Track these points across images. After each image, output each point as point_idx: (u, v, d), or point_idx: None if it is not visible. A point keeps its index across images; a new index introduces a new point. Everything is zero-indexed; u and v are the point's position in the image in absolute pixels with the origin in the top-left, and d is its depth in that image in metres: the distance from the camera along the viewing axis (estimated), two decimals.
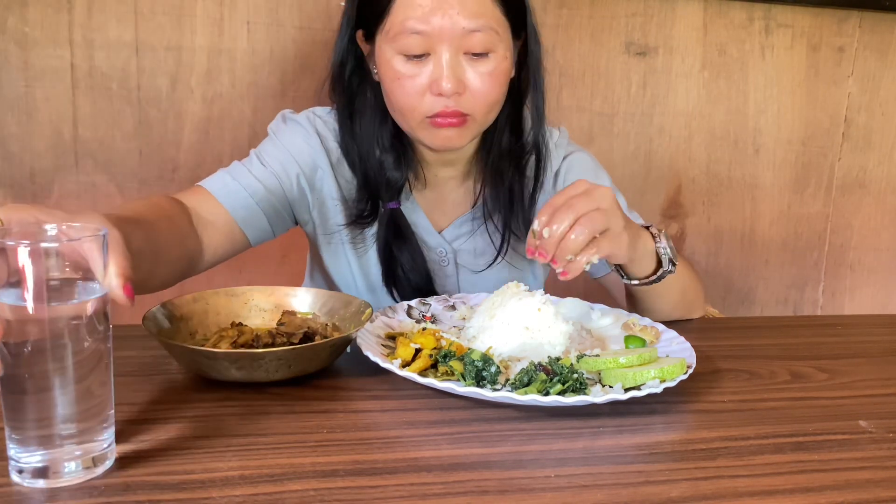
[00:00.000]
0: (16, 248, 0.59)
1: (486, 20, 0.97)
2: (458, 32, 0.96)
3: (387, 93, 1.03)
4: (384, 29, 0.99)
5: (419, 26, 0.96)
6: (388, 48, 0.99)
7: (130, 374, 0.85)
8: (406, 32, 0.96)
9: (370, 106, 1.08)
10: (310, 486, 0.64)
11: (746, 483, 0.67)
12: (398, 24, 0.97)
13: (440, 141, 1.03)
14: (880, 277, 1.99)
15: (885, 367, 0.98)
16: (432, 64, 0.98)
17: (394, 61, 0.99)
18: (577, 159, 1.19)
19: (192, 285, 1.53)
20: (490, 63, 1.00)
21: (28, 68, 1.42)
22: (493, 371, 0.81)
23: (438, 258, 1.17)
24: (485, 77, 1.00)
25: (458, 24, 0.96)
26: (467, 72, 0.99)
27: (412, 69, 0.99)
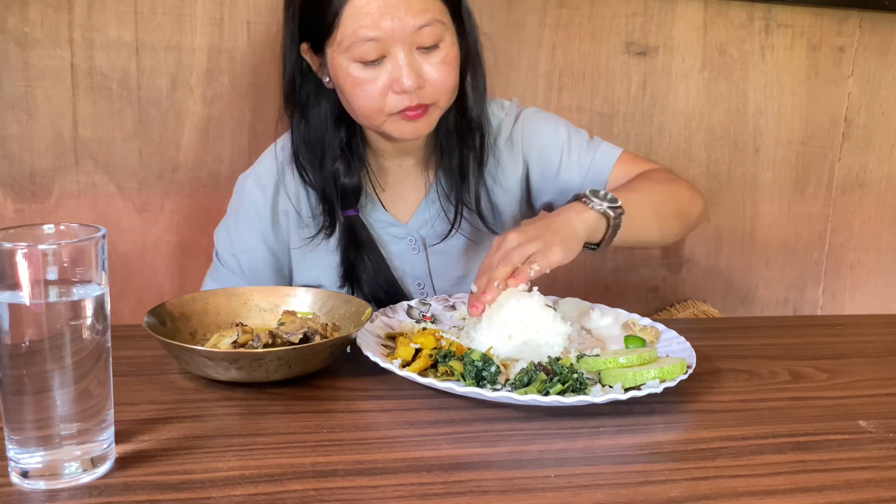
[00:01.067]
0: (15, 249, 0.59)
1: (431, 14, 1.00)
2: (408, 31, 0.99)
3: (347, 99, 1.05)
4: (335, 40, 1.01)
5: (372, 33, 0.98)
6: (342, 58, 1.01)
7: (130, 374, 0.85)
8: (360, 41, 0.99)
9: (323, 115, 1.11)
10: (310, 486, 0.64)
11: (746, 483, 0.67)
12: (350, 34, 0.99)
13: (409, 132, 1.06)
14: (880, 277, 1.99)
15: (885, 367, 0.98)
16: (389, 65, 1.01)
17: (351, 69, 1.01)
18: (527, 117, 1.21)
19: (192, 285, 1.54)
20: (441, 52, 1.03)
21: (28, 68, 1.42)
22: (493, 371, 0.81)
23: (410, 246, 1.19)
24: (439, 66, 1.02)
25: (407, 24, 0.98)
26: (423, 65, 1.02)
27: (371, 73, 1.01)
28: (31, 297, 0.60)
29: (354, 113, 1.07)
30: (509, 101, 1.22)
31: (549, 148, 1.19)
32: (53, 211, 1.47)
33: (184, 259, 1.56)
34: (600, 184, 1.17)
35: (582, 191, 1.02)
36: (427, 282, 1.20)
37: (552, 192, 1.20)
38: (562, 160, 1.18)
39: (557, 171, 1.18)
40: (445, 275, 1.20)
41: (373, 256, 1.14)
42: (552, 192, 1.20)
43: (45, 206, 1.47)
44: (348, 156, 1.13)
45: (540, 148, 1.19)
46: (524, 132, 1.19)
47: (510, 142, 1.19)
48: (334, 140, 1.12)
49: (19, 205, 1.46)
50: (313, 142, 1.12)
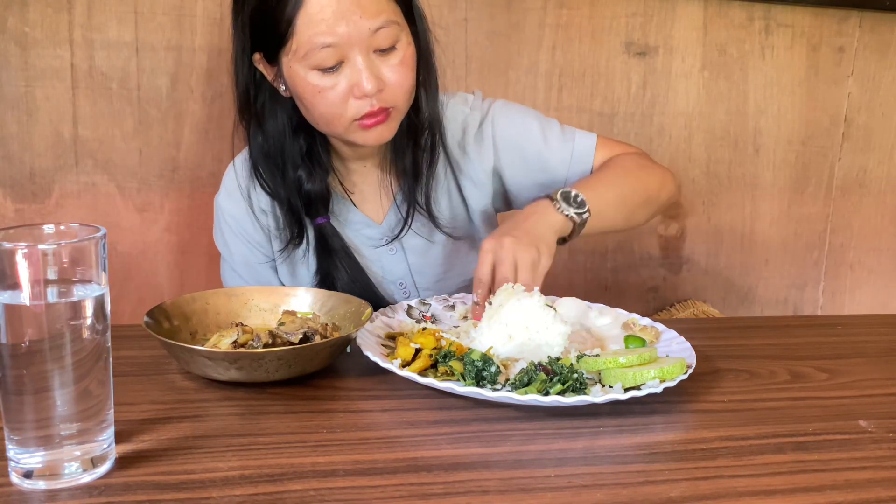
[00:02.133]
0: (14, 249, 0.59)
1: (386, 15, 0.99)
2: (364, 35, 0.98)
3: (307, 107, 1.04)
4: (291, 49, 0.99)
5: (328, 39, 0.97)
6: (299, 66, 1.00)
7: (130, 374, 0.85)
8: (316, 48, 0.97)
9: (281, 124, 1.10)
10: (310, 486, 0.64)
11: (746, 483, 0.67)
12: (305, 42, 0.97)
13: (373, 139, 1.05)
14: (880, 277, 1.99)
15: (885, 367, 0.98)
16: (348, 70, 0.99)
17: (309, 77, 1.00)
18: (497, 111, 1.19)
19: (192, 285, 1.54)
20: (399, 53, 1.02)
21: (28, 68, 1.42)
22: (493, 371, 0.81)
23: (387, 248, 1.18)
24: (397, 68, 1.02)
25: (363, 27, 0.97)
26: (381, 68, 1.01)
27: (330, 80, 1.00)
28: (31, 298, 0.60)
29: (315, 121, 1.06)
30: (472, 95, 1.20)
31: (525, 142, 1.18)
32: (53, 211, 1.47)
33: (184, 259, 1.56)
34: (585, 174, 1.18)
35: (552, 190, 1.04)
36: (408, 281, 1.20)
37: (536, 187, 1.19)
38: (540, 153, 1.18)
39: (538, 164, 1.18)
40: (426, 273, 1.20)
41: (347, 262, 1.14)
42: (536, 187, 1.19)
43: (45, 206, 1.47)
44: (309, 163, 1.12)
45: (515, 142, 1.18)
46: (496, 126, 1.18)
47: (480, 135, 1.18)
48: (294, 149, 1.11)
49: (19, 205, 1.46)
50: (272, 153, 1.10)
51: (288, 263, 1.17)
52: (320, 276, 1.14)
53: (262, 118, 1.10)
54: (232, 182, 1.16)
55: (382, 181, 1.18)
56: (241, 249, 1.17)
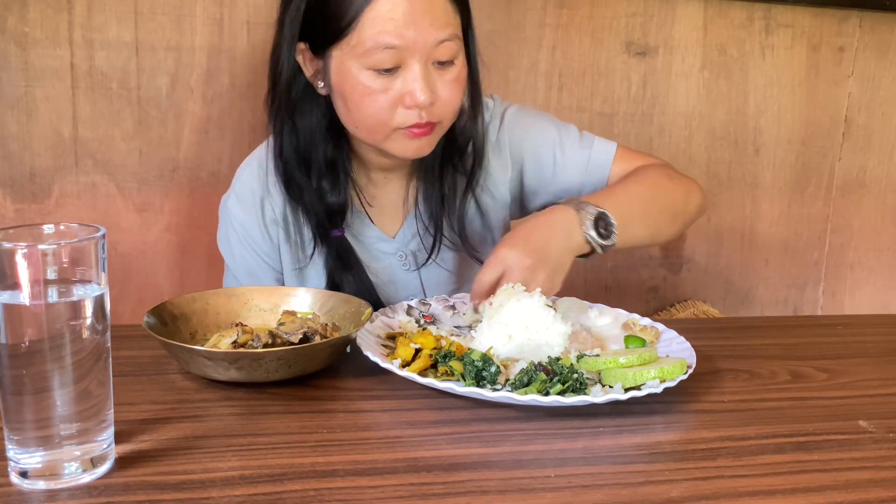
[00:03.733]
0: (14, 249, 0.59)
1: (452, 29, 0.97)
2: (429, 44, 0.95)
3: (351, 108, 1.00)
4: (349, 44, 0.96)
5: (393, 41, 0.94)
6: (353, 63, 0.96)
7: (130, 374, 0.85)
8: (378, 48, 0.94)
9: (315, 124, 1.05)
10: (310, 486, 0.64)
11: (746, 483, 0.67)
12: (369, 38, 0.94)
13: (412, 151, 1.03)
14: (880, 277, 1.99)
15: (885, 367, 0.98)
16: (403, 76, 0.96)
17: (361, 76, 0.96)
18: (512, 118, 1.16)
19: (192, 285, 1.54)
20: (455, 69, 1.00)
21: (28, 68, 1.42)
22: (493, 371, 0.81)
23: (401, 263, 1.15)
24: (451, 84, 1.00)
25: (430, 37, 0.95)
26: (436, 81, 0.98)
27: (383, 83, 0.96)
28: (30, 298, 0.60)
29: (356, 123, 1.02)
30: (491, 100, 1.17)
31: (542, 148, 1.16)
32: (53, 211, 1.47)
33: (184, 259, 1.56)
34: (601, 183, 1.15)
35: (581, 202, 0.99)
36: (420, 294, 1.17)
37: (550, 194, 1.18)
38: (556, 160, 1.15)
39: (553, 171, 1.16)
40: (440, 290, 1.17)
41: (359, 277, 1.10)
42: (550, 194, 1.18)
43: (45, 206, 1.47)
44: (334, 172, 1.08)
45: (532, 148, 1.16)
46: (512, 134, 1.16)
47: (497, 146, 1.15)
48: (322, 153, 1.06)
49: (19, 205, 1.46)
50: (303, 153, 1.06)
51: (297, 277, 1.13)
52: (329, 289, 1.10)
53: (298, 115, 1.05)
54: (244, 187, 1.12)
55: (401, 195, 1.15)
56: (246, 258, 1.12)
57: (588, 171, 1.15)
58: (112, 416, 0.66)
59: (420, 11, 0.94)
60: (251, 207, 1.11)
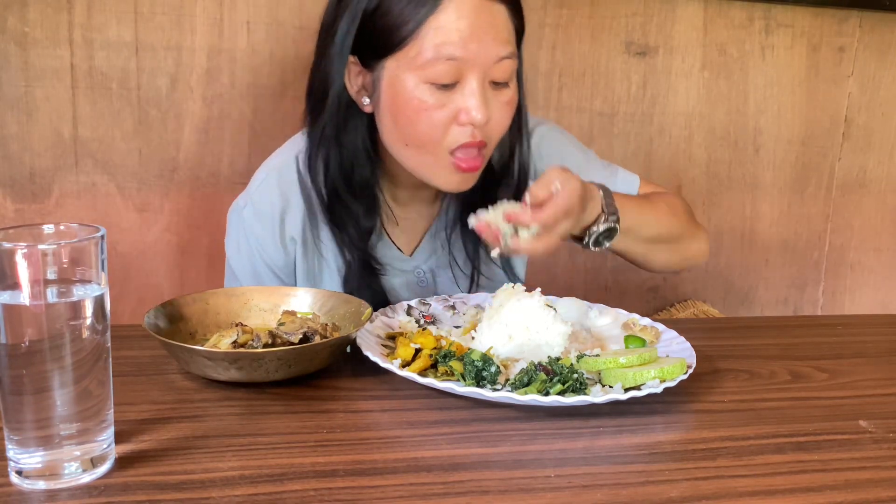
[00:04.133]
0: (14, 249, 0.59)
1: (512, 47, 0.94)
2: (491, 59, 0.92)
3: (403, 125, 0.95)
4: (407, 55, 0.92)
5: (456, 52, 0.90)
6: (410, 76, 0.92)
7: (130, 374, 0.85)
8: (440, 59, 0.90)
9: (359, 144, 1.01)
10: (310, 486, 0.64)
11: (746, 483, 0.67)
12: (430, 49, 0.90)
13: (455, 184, 0.99)
14: (880, 277, 1.99)
15: (885, 367, 0.98)
16: (461, 92, 0.93)
17: (418, 91, 0.92)
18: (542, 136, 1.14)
19: (192, 285, 1.54)
20: (509, 92, 0.97)
21: (28, 68, 1.42)
22: (493, 371, 0.81)
23: (417, 279, 1.13)
24: (504, 107, 0.96)
25: (492, 52, 0.92)
26: (491, 102, 0.95)
27: (440, 98, 0.92)
28: (30, 298, 0.60)
29: (405, 140, 0.97)
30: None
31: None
32: (53, 211, 1.47)
33: (183, 259, 1.56)
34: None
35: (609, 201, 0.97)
36: None
37: None
38: None
39: None
40: None
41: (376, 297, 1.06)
42: None
43: (45, 206, 1.47)
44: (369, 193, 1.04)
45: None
46: (541, 152, 1.13)
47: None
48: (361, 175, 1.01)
49: (19, 205, 1.46)
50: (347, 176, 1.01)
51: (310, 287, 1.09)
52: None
53: (342, 133, 1.00)
54: (262, 198, 1.06)
55: (423, 214, 1.13)
56: (257, 270, 1.08)
57: None
58: (112, 416, 0.66)
59: (485, 25, 0.91)
60: (269, 221, 1.06)
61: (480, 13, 0.91)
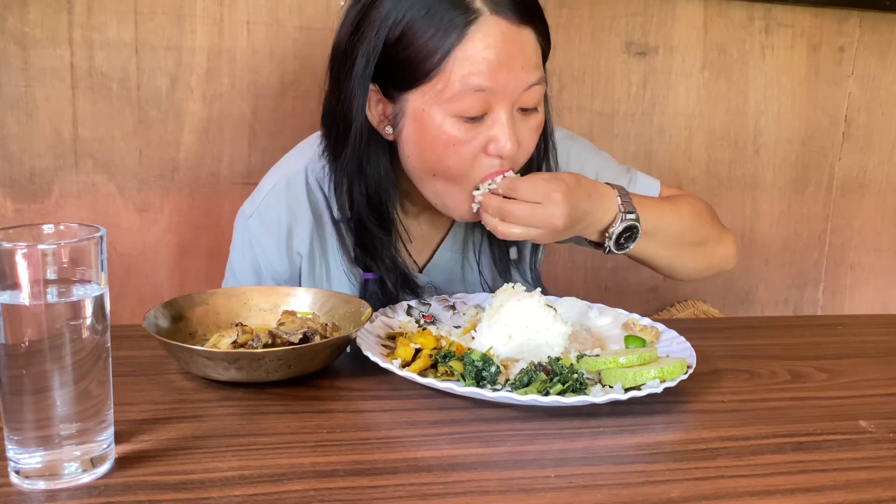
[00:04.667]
0: (14, 249, 0.59)
1: (540, 72, 0.91)
2: (520, 88, 0.89)
3: (430, 159, 0.92)
4: (434, 88, 0.88)
5: (485, 83, 0.87)
6: (437, 110, 0.88)
7: (130, 374, 0.85)
8: (468, 91, 0.87)
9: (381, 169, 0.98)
10: (310, 486, 0.64)
11: (746, 483, 0.67)
12: (457, 81, 0.86)
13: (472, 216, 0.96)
14: (880, 277, 1.99)
15: (885, 367, 0.98)
16: (488, 123, 0.90)
17: (446, 125, 0.89)
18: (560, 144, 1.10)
19: (192, 285, 1.54)
20: (538, 117, 0.94)
21: (28, 68, 1.42)
22: (493, 371, 0.81)
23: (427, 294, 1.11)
24: (532, 132, 0.94)
25: (521, 80, 0.88)
26: (520, 129, 0.92)
27: (469, 132, 0.89)
28: (30, 298, 0.60)
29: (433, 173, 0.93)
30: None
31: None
32: (53, 211, 1.47)
33: (184, 259, 1.56)
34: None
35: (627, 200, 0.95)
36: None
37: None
38: None
39: None
40: None
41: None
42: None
43: (45, 206, 1.47)
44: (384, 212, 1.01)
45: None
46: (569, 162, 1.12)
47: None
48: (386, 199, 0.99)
49: (19, 205, 1.46)
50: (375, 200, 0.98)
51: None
52: None
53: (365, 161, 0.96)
54: (269, 210, 1.04)
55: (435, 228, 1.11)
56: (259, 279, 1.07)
57: None
58: (112, 416, 0.66)
59: (514, 52, 0.88)
60: (276, 234, 1.04)
61: (509, 40, 0.88)
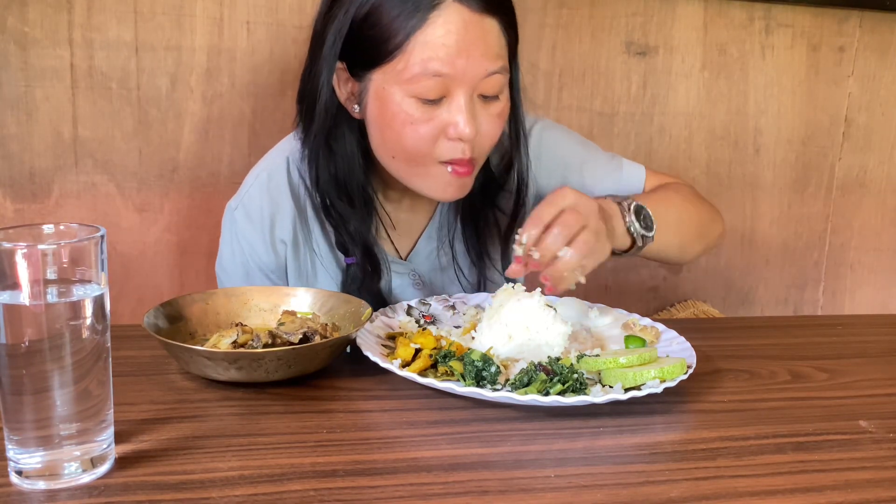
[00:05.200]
0: (14, 249, 0.59)
1: (502, 61, 0.93)
2: (479, 75, 0.91)
3: (391, 136, 0.95)
4: (394, 68, 0.91)
5: (443, 69, 0.89)
6: (397, 90, 0.92)
7: (130, 374, 0.85)
8: (426, 74, 0.89)
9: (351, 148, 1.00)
10: (310, 486, 0.64)
11: (746, 483, 0.67)
12: (417, 64, 0.89)
13: (451, 192, 0.98)
14: (880, 277, 1.99)
15: (885, 367, 0.98)
16: (448, 107, 0.92)
17: (405, 104, 0.92)
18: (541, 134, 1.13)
19: (192, 285, 1.54)
20: (500, 104, 0.96)
21: (28, 68, 1.42)
22: (493, 371, 0.81)
23: (412, 281, 1.13)
24: (494, 119, 0.96)
25: (480, 67, 0.90)
26: (480, 114, 0.94)
27: (427, 113, 0.92)
28: (30, 298, 0.60)
29: (393, 153, 0.97)
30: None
31: (568, 168, 1.13)
32: (53, 211, 1.47)
33: (183, 259, 1.56)
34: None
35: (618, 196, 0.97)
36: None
37: None
38: (584, 180, 1.12)
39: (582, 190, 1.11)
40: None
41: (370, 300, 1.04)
42: None
43: (45, 206, 1.47)
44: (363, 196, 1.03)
45: (558, 166, 1.13)
46: (540, 151, 1.12)
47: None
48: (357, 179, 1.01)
49: (19, 205, 1.46)
50: (342, 180, 1.01)
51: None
52: None
53: (333, 139, 0.99)
54: (252, 202, 1.06)
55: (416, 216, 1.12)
56: (250, 274, 1.08)
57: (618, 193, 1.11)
58: (112, 416, 0.66)
59: (474, 39, 0.89)
60: (259, 224, 1.06)
61: (470, 28, 0.90)
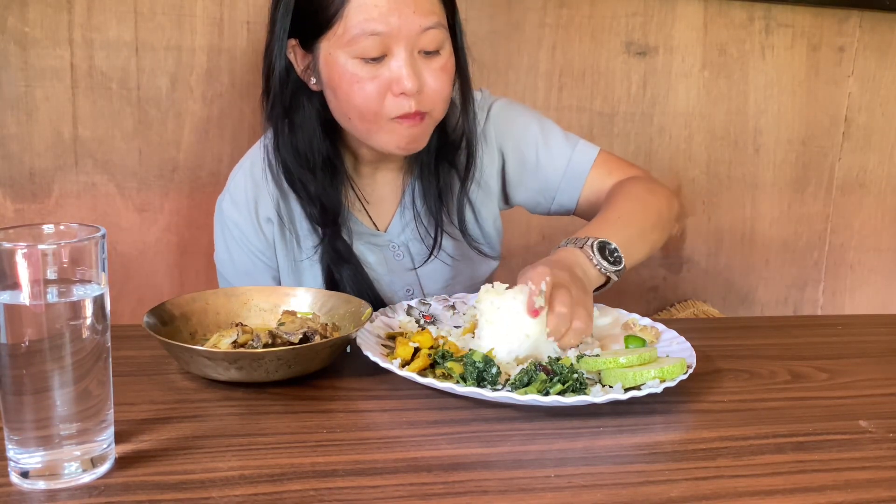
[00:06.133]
0: (14, 249, 0.59)
1: (437, 18, 0.99)
2: (414, 31, 0.97)
3: (342, 98, 1.01)
4: (335, 34, 0.98)
5: (378, 27, 0.96)
6: (341, 53, 0.99)
7: (130, 374, 0.85)
8: (364, 35, 0.96)
9: (310, 120, 1.07)
10: (310, 486, 0.64)
11: (746, 483, 0.67)
12: (354, 26, 0.96)
13: (405, 142, 1.03)
14: (880, 277, 1.99)
15: (885, 367, 0.98)
16: (390, 65, 0.98)
17: (349, 65, 0.99)
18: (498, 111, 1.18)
19: (192, 285, 1.54)
20: (441, 59, 1.01)
21: (28, 68, 1.42)
22: (494, 373, 0.81)
23: (393, 254, 1.17)
24: (438, 73, 1.01)
25: (414, 23, 0.97)
26: (423, 70, 1.00)
27: (370, 71, 0.98)
28: (30, 298, 0.60)
29: (348, 115, 1.03)
30: (479, 93, 1.18)
31: (524, 144, 1.17)
32: (53, 211, 1.47)
33: (183, 259, 1.56)
34: (578, 185, 1.16)
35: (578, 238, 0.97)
36: (416, 288, 1.19)
37: (529, 190, 1.19)
38: (538, 158, 1.17)
39: (536, 166, 1.17)
40: (435, 278, 1.19)
41: (355, 272, 1.11)
42: (529, 190, 1.19)
43: (45, 206, 1.47)
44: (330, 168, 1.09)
45: (515, 142, 1.18)
46: (497, 126, 1.17)
47: (484, 138, 1.17)
48: (317, 150, 1.07)
49: (19, 205, 1.46)
50: (302, 149, 1.07)
51: (293, 273, 1.14)
52: (327, 286, 1.11)
53: (293, 112, 1.07)
54: (237, 188, 1.13)
55: (391, 189, 1.17)
56: (243, 259, 1.14)
57: (567, 172, 1.17)
58: (112, 416, 0.66)
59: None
60: (244, 207, 1.12)
61: None
